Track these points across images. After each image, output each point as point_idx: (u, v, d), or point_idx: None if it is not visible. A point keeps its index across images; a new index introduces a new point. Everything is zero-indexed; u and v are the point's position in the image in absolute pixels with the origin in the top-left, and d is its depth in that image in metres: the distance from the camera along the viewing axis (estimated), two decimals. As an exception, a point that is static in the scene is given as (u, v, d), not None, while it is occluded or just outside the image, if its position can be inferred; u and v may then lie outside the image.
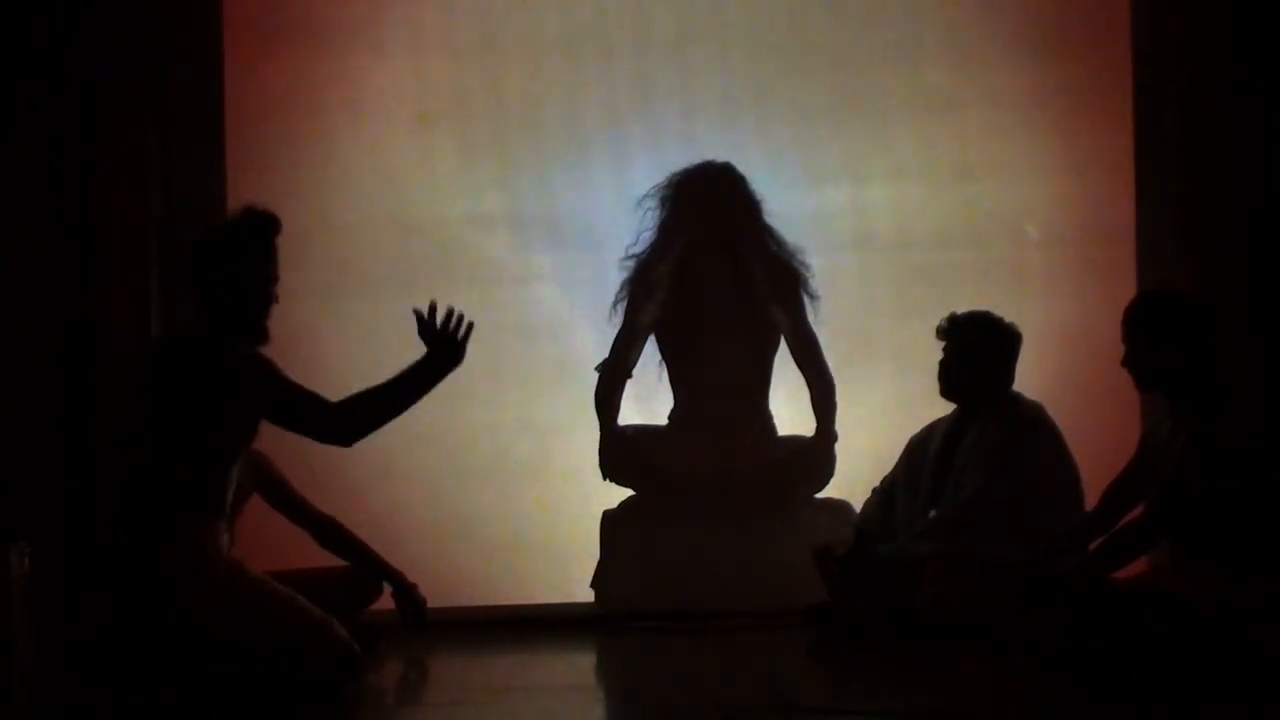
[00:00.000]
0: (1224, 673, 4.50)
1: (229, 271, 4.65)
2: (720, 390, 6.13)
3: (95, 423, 5.93)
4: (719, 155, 6.17)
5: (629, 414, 6.24)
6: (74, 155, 5.99)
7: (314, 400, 4.62)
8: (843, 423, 6.13)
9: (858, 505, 5.86)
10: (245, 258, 4.66)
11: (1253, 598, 4.60)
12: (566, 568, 6.23)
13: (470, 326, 4.67)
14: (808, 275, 6.17)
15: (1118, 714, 4.28)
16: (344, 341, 6.36)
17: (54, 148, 5.96)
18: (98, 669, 4.70)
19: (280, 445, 5.10)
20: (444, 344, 4.67)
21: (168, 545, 4.53)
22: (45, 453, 5.90)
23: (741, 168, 6.17)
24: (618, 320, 6.21)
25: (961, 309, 5.53)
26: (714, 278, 6.16)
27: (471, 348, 4.70)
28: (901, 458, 5.62)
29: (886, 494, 5.61)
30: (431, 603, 5.49)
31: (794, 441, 6.17)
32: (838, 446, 6.13)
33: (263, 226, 4.68)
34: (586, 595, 6.13)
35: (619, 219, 6.31)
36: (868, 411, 6.28)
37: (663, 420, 6.26)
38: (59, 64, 5.96)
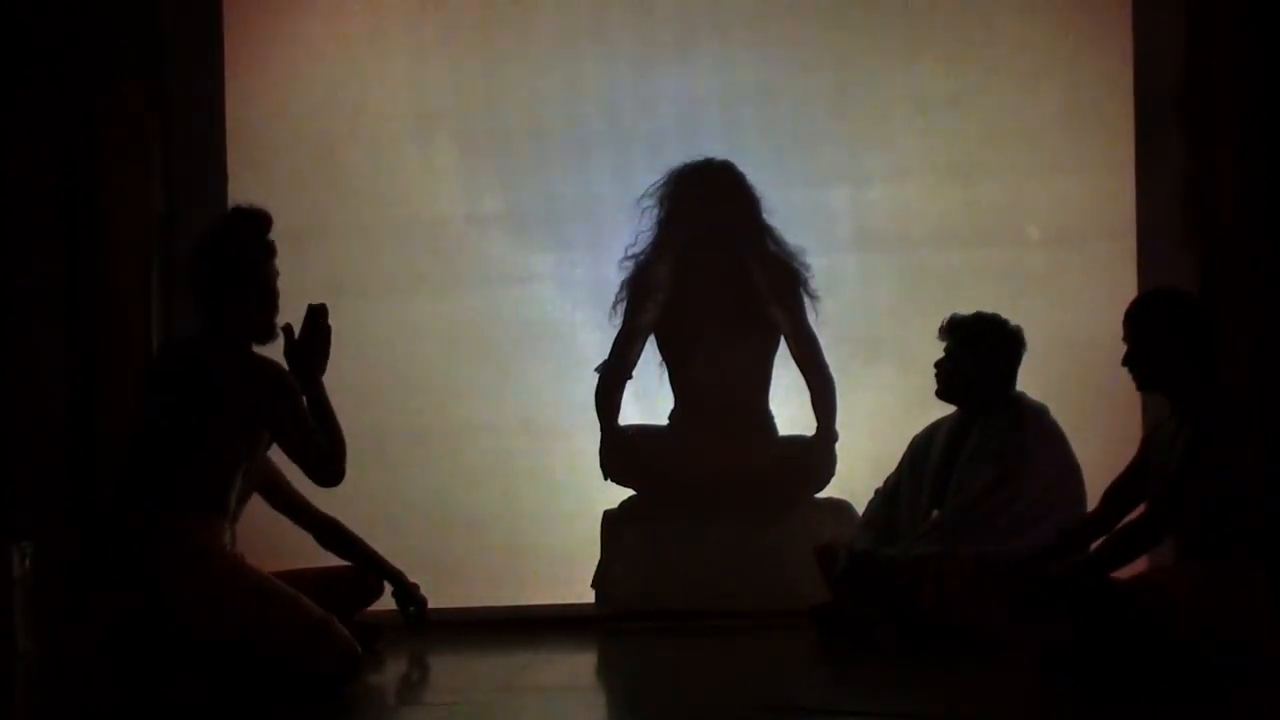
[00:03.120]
0: (1223, 671, 4.50)
1: (229, 276, 4.65)
2: (720, 390, 6.13)
3: (97, 422, 5.93)
4: (720, 154, 6.17)
5: (629, 414, 6.24)
6: (75, 156, 6.00)
7: (313, 433, 4.67)
8: (843, 422, 6.12)
9: (858, 505, 5.86)
10: (242, 259, 4.66)
11: (1251, 595, 4.61)
12: (567, 568, 6.22)
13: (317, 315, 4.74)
14: (808, 275, 6.17)
15: (1118, 714, 4.27)
16: (344, 342, 6.34)
17: (55, 148, 5.97)
18: (100, 668, 4.69)
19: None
20: (299, 353, 4.73)
21: (169, 544, 4.54)
22: (47, 452, 5.90)
23: (742, 167, 6.16)
24: (618, 321, 6.20)
25: (962, 309, 5.53)
26: (714, 278, 6.15)
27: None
28: (904, 458, 5.61)
29: (890, 494, 5.61)
30: (432, 603, 5.49)
31: (794, 441, 6.16)
32: (838, 446, 6.12)
33: (253, 224, 4.68)
34: (586, 595, 6.12)
35: (619, 219, 6.30)
36: (868, 411, 6.28)
37: (663, 420, 6.26)
38: (60, 64, 5.97)
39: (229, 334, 4.65)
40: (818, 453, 6.11)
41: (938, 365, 5.50)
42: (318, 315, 4.75)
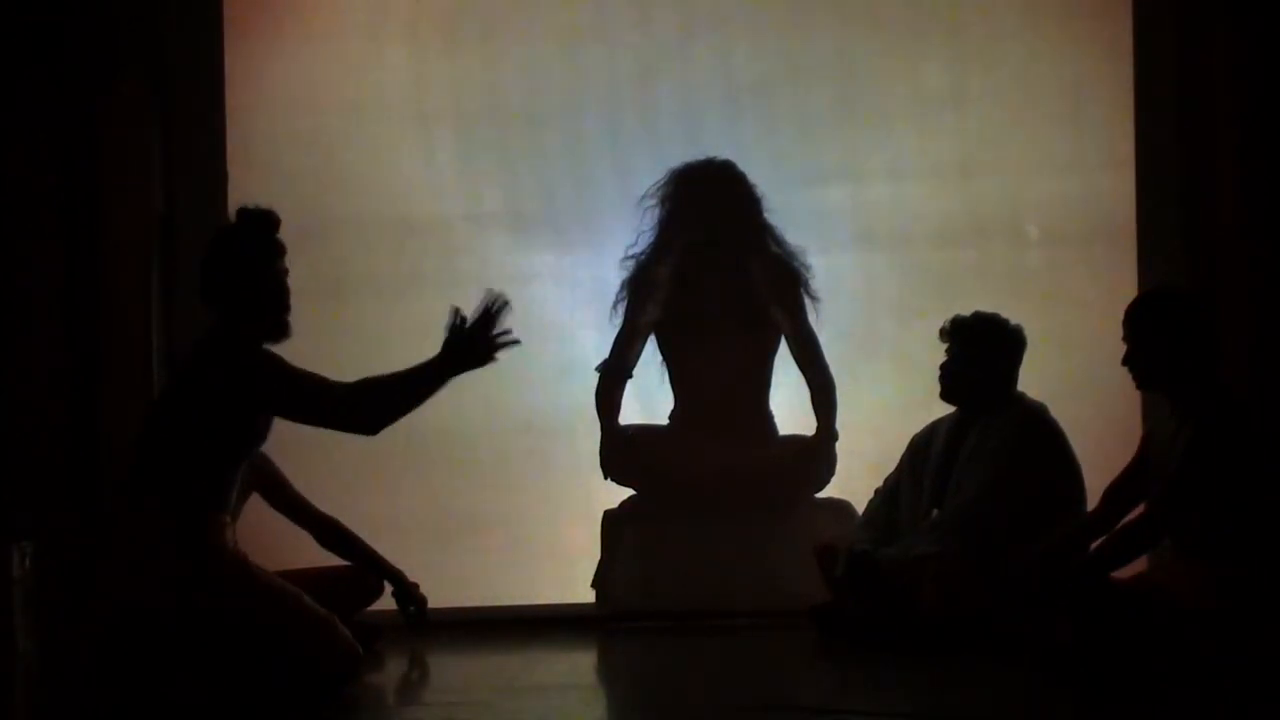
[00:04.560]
0: (1223, 671, 4.50)
1: (238, 276, 4.64)
2: (720, 390, 6.13)
3: (97, 422, 5.93)
4: (720, 154, 6.17)
5: (629, 414, 6.24)
6: (75, 155, 5.99)
7: (325, 385, 4.57)
8: (843, 422, 6.12)
9: (858, 505, 5.86)
10: (251, 259, 4.66)
11: (1251, 595, 4.61)
12: (567, 568, 6.22)
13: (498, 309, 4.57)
14: (808, 276, 6.17)
15: (1118, 714, 4.27)
16: (344, 341, 6.35)
17: (55, 148, 5.96)
18: (100, 667, 4.69)
19: (280, 445, 5.09)
20: (466, 346, 4.58)
21: (175, 544, 4.54)
22: (47, 452, 5.90)
23: (742, 167, 6.16)
24: (618, 320, 6.20)
25: (962, 308, 5.53)
26: (714, 277, 6.15)
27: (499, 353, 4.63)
28: (904, 457, 5.62)
29: (889, 494, 5.61)
30: (432, 602, 5.49)
31: (794, 441, 6.16)
32: (838, 446, 6.12)
33: (261, 224, 4.68)
34: (587, 595, 6.12)
35: (619, 219, 6.30)
36: (868, 411, 6.27)
37: (663, 420, 6.26)
38: (60, 64, 5.96)
39: (239, 334, 4.64)
40: (818, 452, 6.11)
41: (942, 368, 5.50)
42: (492, 304, 4.59)
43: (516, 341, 4.62)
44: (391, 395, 4.57)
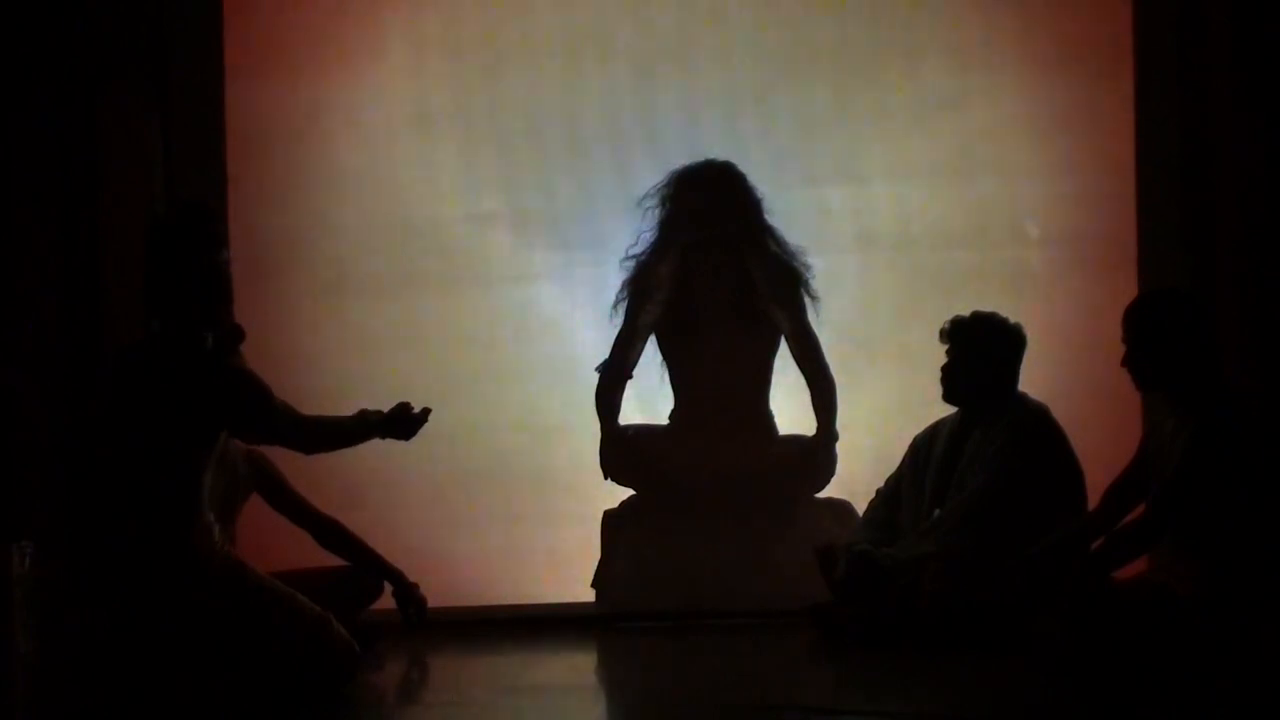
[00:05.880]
0: (1222, 671, 4.50)
1: (166, 274, 4.59)
2: (720, 390, 6.14)
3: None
4: (720, 155, 6.17)
5: (629, 414, 6.25)
6: (75, 156, 5.99)
7: (295, 420, 4.66)
8: (843, 422, 6.12)
9: (859, 505, 5.86)
10: (181, 255, 4.59)
11: (1251, 593, 4.61)
12: (566, 568, 6.22)
13: (427, 414, 4.79)
14: (808, 275, 6.17)
15: (1118, 714, 4.27)
16: (344, 341, 6.36)
17: (55, 148, 5.96)
18: (97, 669, 4.69)
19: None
20: (404, 425, 4.79)
21: (160, 546, 4.52)
22: (46, 452, 5.89)
23: (742, 167, 6.17)
24: (618, 320, 6.20)
25: (962, 309, 5.53)
26: (714, 278, 6.16)
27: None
28: (905, 457, 5.62)
29: (891, 494, 5.61)
30: (431, 602, 5.49)
31: (794, 441, 6.16)
32: (838, 446, 6.12)
33: (187, 219, 4.63)
34: (586, 595, 6.13)
35: (619, 219, 6.31)
36: (868, 411, 6.28)
37: (663, 420, 6.26)
38: (60, 64, 5.96)
39: (179, 334, 4.59)
40: (818, 452, 6.11)
41: (943, 369, 5.50)
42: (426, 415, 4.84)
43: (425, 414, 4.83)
44: (338, 440, 4.79)
